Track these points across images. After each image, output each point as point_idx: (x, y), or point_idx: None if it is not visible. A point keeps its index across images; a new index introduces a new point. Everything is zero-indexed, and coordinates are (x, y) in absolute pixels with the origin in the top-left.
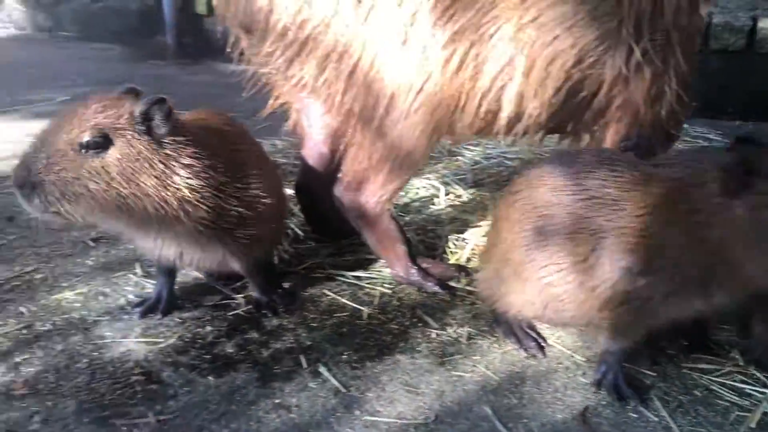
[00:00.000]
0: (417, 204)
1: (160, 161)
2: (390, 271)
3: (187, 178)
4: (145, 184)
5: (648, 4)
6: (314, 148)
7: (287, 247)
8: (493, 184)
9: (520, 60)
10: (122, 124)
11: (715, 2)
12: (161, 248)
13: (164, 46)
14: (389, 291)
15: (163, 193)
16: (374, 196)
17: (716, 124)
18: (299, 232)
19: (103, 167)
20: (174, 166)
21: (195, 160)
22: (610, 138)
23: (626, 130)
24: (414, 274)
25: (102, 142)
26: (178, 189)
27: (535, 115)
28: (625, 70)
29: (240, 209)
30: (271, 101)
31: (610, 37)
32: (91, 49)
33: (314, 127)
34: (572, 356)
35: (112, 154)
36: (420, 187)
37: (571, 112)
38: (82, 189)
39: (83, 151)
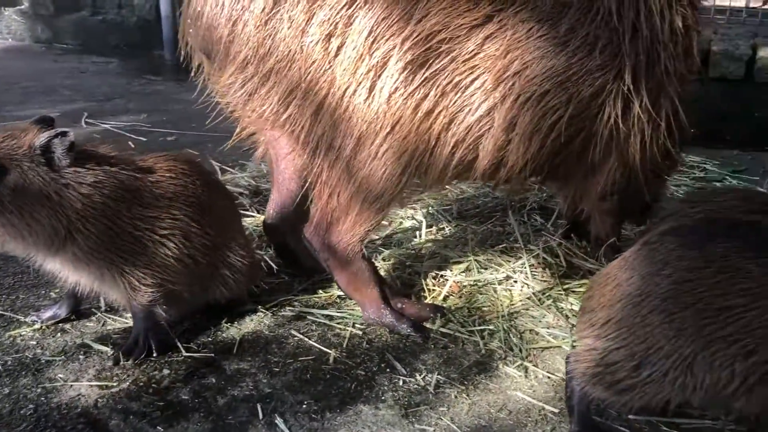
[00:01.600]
0: (399, 236)
1: (55, 192)
2: (362, 312)
3: (83, 207)
4: (39, 213)
5: (644, 54)
6: (283, 184)
7: (258, 282)
8: (478, 216)
9: (500, 112)
10: (19, 155)
11: (715, 29)
12: (60, 272)
13: (162, 62)
14: (360, 332)
15: (54, 222)
16: (344, 237)
17: (714, 153)
18: (272, 264)
19: None
20: (71, 196)
21: (95, 189)
22: (600, 183)
23: (618, 177)
24: (386, 316)
25: None
26: (68, 217)
27: (519, 166)
28: (621, 123)
29: (134, 246)
30: (237, 131)
31: (606, 91)
32: (89, 62)
33: (281, 162)
34: (543, 408)
35: (6, 184)
36: (404, 217)
37: (560, 163)
38: None
39: None
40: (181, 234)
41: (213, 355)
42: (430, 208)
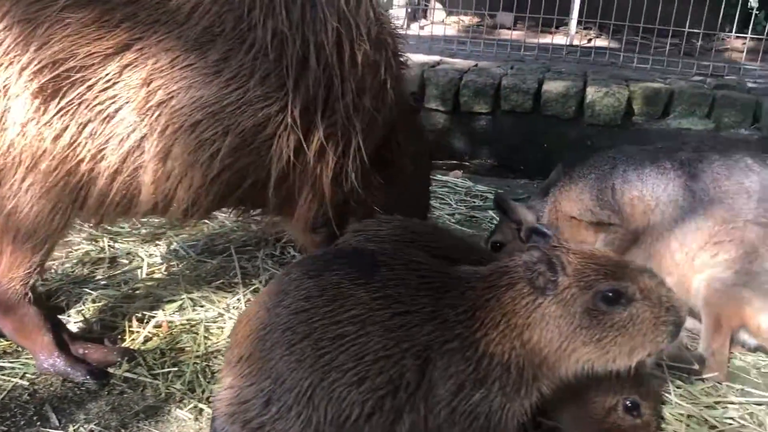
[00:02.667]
0: (120, 275)
1: None
2: (35, 360)
3: None
4: None
5: (322, 89)
6: None
7: None
8: (225, 252)
9: (150, 144)
10: None
11: (512, 65)
12: None
13: None
14: (26, 383)
15: None
16: (2, 282)
17: (503, 183)
18: None
19: None
20: None
21: None
22: (302, 216)
23: (316, 209)
24: (60, 364)
25: None
26: None
27: (188, 200)
28: (294, 157)
29: None
30: None
31: (273, 122)
32: None
33: None
34: None
35: None
36: (127, 255)
37: (245, 196)
38: None
39: None
40: None
41: None
42: (174, 243)
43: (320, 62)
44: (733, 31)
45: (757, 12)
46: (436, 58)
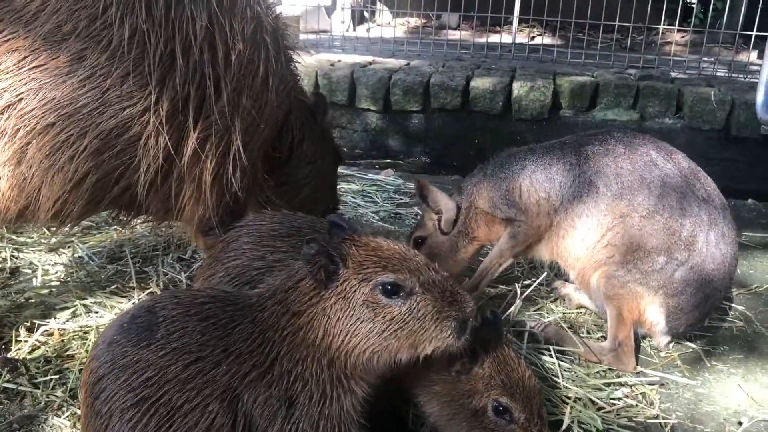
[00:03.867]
0: (15, 283)
1: None
2: None
3: None
4: None
5: (193, 89)
6: None
7: None
8: (133, 256)
9: (2, 149)
10: None
11: (443, 63)
12: None
13: None
14: None
15: None
16: None
17: (437, 179)
18: None
19: None
20: None
21: None
22: (188, 219)
23: (202, 212)
24: None
25: None
26: None
27: (56, 207)
28: (164, 159)
29: None
30: None
31: (139, 123)
32: None
33: None
34: None
35: None
36: (31, 263)
37: (120, 201)
38: None
39: None
40: None
41: None
42: (80, 251)
43: (188, 62)
44: (676, 24)
45: (694, 5)
46: (369, 58)
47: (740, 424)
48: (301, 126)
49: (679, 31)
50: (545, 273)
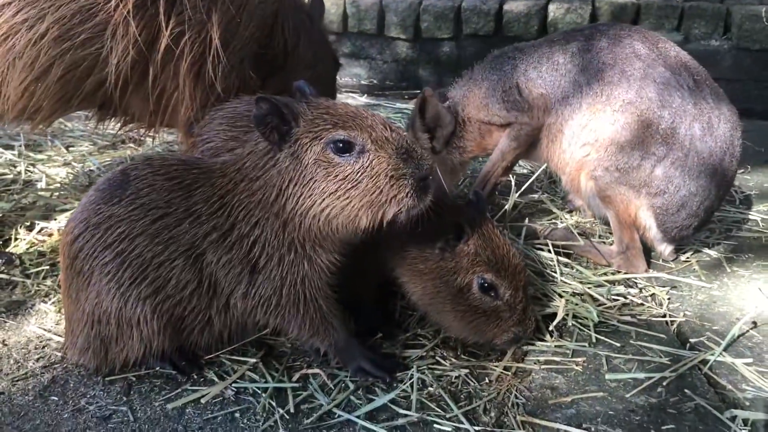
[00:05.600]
0: (20, 188)
1: None
2: None
3: None
4: None
5: None
6: None
7: None
8: None
9: None
10: None
11: None
12: None
13: None
14: None
15: None
16: None
17: None
18: None
19: None
20: None
21: None
22: (174, 121)
23: (187, 112)
24: None
25: None
26: None
27: (25, 100)
28: (136, 53)
29: None
30: None
31: (102, 11)
32: None
33: None
34: None
35: None
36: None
37: (96, 98)
38: None
39: None
40: None
41: None
42: (91, 164)
43: None
44: None
45: None
46: None
47: (755, 324)
48: (295, 28)
49: None
50: (543, 167)
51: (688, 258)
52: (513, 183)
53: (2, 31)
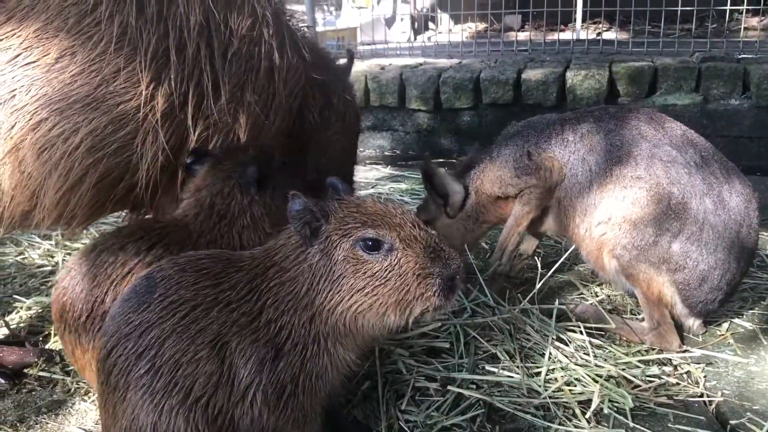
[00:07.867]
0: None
1: None
2: None
3: None
4: None
5: (191, 86)
6: None
7: None
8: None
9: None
10: None
11: (495, 59)
12: None
13: None
14: None
15: None
16: None
17: None
18: None
19: None
20: None
21: None
22: None
23: None
24: None
25: None
26: None
27: (60, 209)
28: (167, 158)
29: None
30: None
31: (132, 121)
32: None
33: None
34: None
35: None
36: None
37: (127, 201)
38: None
39: None
40: None
41: None
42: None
43: (184, 59)
44: (744, 9)
45: None
46: (420, 60)
47: None
48: (320, 112)
49: (754, 14)
50: (571, 249)
51: (722, 332)
52: (539, 264)
53: (40, 145)
